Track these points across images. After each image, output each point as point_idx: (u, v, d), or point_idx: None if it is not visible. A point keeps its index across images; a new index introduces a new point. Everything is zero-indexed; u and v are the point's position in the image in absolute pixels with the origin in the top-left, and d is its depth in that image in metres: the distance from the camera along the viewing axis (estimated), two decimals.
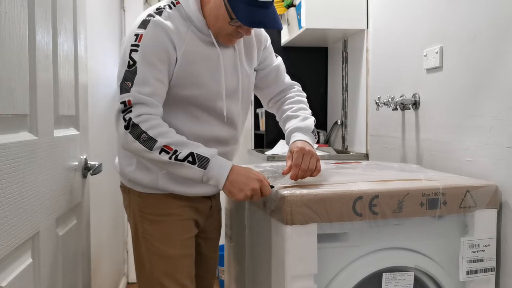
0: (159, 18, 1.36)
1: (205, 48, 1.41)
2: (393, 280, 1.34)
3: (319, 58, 2.98)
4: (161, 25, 1.35)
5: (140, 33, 1.34)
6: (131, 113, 1.30)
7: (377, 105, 2.02)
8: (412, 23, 1.93)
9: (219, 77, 1.43)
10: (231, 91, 1.48)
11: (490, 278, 1.40)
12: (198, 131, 1.43)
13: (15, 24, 0.98)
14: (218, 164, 1.31)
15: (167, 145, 1.29)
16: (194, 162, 1.29)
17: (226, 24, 1.36)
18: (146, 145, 1.29)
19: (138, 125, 1.29)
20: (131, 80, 1.32)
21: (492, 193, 1.38)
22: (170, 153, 1.29)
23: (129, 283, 3.39)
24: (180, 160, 1.29)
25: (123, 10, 3.25)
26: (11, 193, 0.94)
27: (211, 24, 1.40)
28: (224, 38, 1.42)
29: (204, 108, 1.44)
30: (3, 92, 0.93)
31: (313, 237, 1.25)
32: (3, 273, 0.94)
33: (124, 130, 1.30)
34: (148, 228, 1.47)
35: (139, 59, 1.32)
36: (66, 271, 1.36)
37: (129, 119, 1.29)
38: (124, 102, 1.30)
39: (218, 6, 1.36)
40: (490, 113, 1.46)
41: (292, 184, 1.36)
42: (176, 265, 1.47)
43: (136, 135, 1.29)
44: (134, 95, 1.30)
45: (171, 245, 1.47)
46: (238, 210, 1.68)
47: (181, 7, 1.40)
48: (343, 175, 1.50)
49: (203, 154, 1.30)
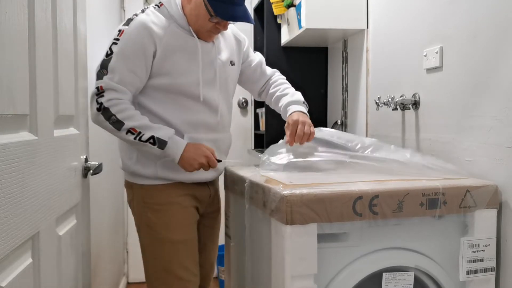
0: (142, 16, 1.58)
1: (185, 40, 1.60)
2: (393, 280, 1.34)
3: (319, 58, 2.97)
4: (143, 23, 1.55)
5: (122, 29, 1.56)
6: (102, 97, 1.50)
7: (377, 105, 2.02)
8: (412, 23, 1.93)
9: (197, 66, 1.61)
10: (208, 79, 1.65)
11: (490, 278, 1.40)
12: (187, 118, 1.61)
13: (15, 24, 0.98)
14: (174, 145, 1.52)
15: (133, 127, 1.50)
16: (154, 144, 1.51)
17: (206, 21, 1.57)
18: (115, 126, 1.51)
19: (109, 109, 1.50)
20: (105, 68, 1.52)
21: (492, 193, 1.38)
22: (135, 134, 1.50)
23: (129, 283, 3.39)
24: (143, 141, 1.51)
25: (123, 10, 3.25)
26: (11, 193, 0.94)
27: (192, 22, 1.59)
28: (204, 35, 1.62)
29: (188, 96, 1.62)
30: (3, 92, 0.93)
31: (313, 237, 1.25)
32: (3, 273, 0.94)
33: (96, 112, 1.51)
34: (151, 217, 1.63)
35: (116, 51, 1.53)
36: (66, 271, 1.36)
37: (101, 103, 1.50)
38: (97, 88, 1.51)
39: (198, 6, 1.55)
40: (490, 113, 1.46)
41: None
42: (179, 250, 1.62)
43: (107, 117, 1.50)
44: (106, 81, 1.51)
45: (173, 231, 1.61)
46: (238, 210, 1.68)
47: (165, 8, 1.61)
48: (343, 175, 1.50)
49: (162, 138, 1.51)
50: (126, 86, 1.53)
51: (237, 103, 3.52)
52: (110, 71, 1.52)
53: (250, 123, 3.55)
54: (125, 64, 1.52)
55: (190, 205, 1.66)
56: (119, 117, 1.50)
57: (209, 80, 1.65)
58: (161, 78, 1.58)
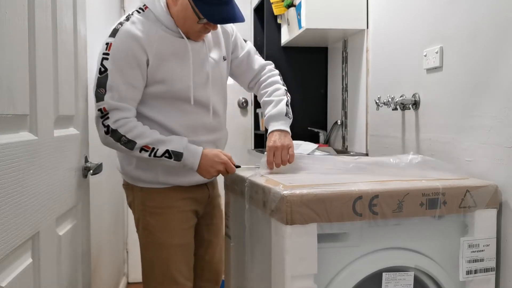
0: (127, 25, 1.51)
1: (174, 43, 1.56)
2: (393, 280, 1.34)
3: (319, 58, 2.98)
4: (130, 32, 1.50)
5: (110, 42, 1.49)
6: (108, 120, 1.48)
7: (377, 105, 2.02)
8: (412, 23, 1.93)
9: (188, 69, 1.58)
10: (201, 81, 1.63)
11: (490, 278, 1.40)
12: (185, 122, 1.60)
13: (15, 24, 0.98)
14: (189, 154, 1.53)
15: (145, 145, 1.49)
16: (170, 157, 1.51)
17: (195, 23, 1.52)
18: (127, 146, 1.49)
19: (117, 130, 1.48)
20: (103, 86, 1.48)
21: (492, 193, 1.38)
22: (149, 151, 1.49)
23: (129, 283, 3.39)
24: (158, 156, 1.50)
25: (123, 10, 3.25)
26: (11, 193, 0.94)
27: (180, 24, 1.55)
28: (194, 35, 1.58)
29: (184, 100, 1.60)
30: (3, 92, 0.93)
31: (313, 237, 1.25)
32: (3, 273, 0.94)
33: (105, 135, 1.49)
34: (150, 220, 1.64)
35: (110, 66, 1.48)
36: (66, 271, 1.36)
37: (108, 125, 1.48)
38: (100, 110, 1.48)
39: (185, 8, 1.51)
40: (490, 113, 1.46)
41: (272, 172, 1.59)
42: (176, 254, 1.63)
43: (116, 138, 1.49)
44: (108, 102, 1.48)
45: (171, 234, 1.62)
46: (238, 210, 1.68)
47: (150, 11, 1.55)
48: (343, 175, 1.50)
49: (177, 150, 1.51)
50: (128, 102, 1.50)
51: (237, 103, 3.52)
52: (108, 90, 1.48)
53: (250, 123, 3.55)
54: (121, 78, 1.48)
55: (189, 209, 1.67)
56: (129, 137, 1.48)
57: (202, 82, 1.63)
58: (156, 86, 1.56)
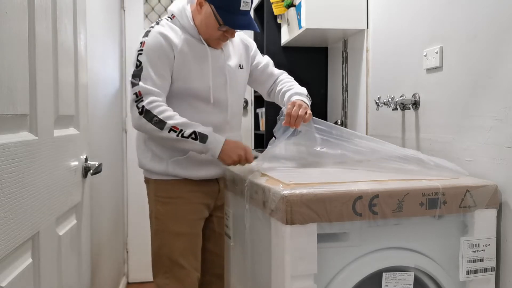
0: (157, 27, 1.73)
1: (196, 48, 1.75)
2: (393, 280, 1.34)
3: (319, 58, 2.97)
4: (160, 32, 1.70)
5: (143, 41, 1.71)
6: (143, 101, 1.63)
7: (377, 105, 2.02)
8: (412, 23, 1.93)
9: (208, 71, 1.75)
10: (219, 83, 1.79)
11: (490, 278, 1.41)
12: (199, 119, 1.70)
13: (15, 24, 0.98)
14: (214, 139, 1.65)
15: (175, 125, 1.62)
16: (196, 138, 1.62)
17: (216, 30, 1.71)
18: (157, 126, 1.62)
19: (150, 111, 1.62)
20: (138, 76, 1.66)
21: (492, 193, 1.38)
22: (177, 132, 1.62)
23: (129, 283, 3.39)
24: (185, 137, 1.62)
25: (123, 10, 3.25)
26: (11, 193, 0.94)
27: (202, 31, 1.74)
28: (214, 42, 1.77)
29: (201, 99, 1.75)
30: (3, 92, 0.93)
31: (313, 237, 1.25)
32: (3, 273, 0.94)
33: (139, 115, 1.63)
34: (160, 209, 1.79)
35: (144, 60, 1.67)
36: (66, 271, 1.36)
37: (142, 106, 1.63)
38: (136, 93, 1.65)
39: (208, 16, 1.69)
40: (490, 113, 1.46)
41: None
42: (183, 241, 1.77)
43: (149, 118, 1.62)
44: (142, 86, 1.64)
45: (179, 223, 1.76)
46: (238, 210, 1.68)
47: (177, 20, 1.76)
48: (344, 174, 1.50)
49: (203, 132, 1.64)
50: (159, 89, 1.67)
51: None
52: (143, 78, 1.65)
53: (250, 123, 3.55)
54: (154, 70, 1.67)
55: (199, 202, 1.81)
56: (161, 117, 1.62)
57: (220, 84, 1.79)
58: (177, 82, 1.72)
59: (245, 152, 1.69)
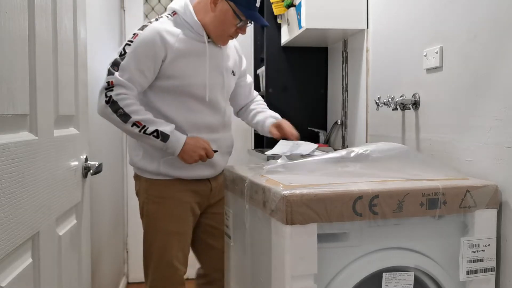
0: (156, 23, 1.73)
1: (194, 45, 1.75)
2: (393, 280, 1.34)
3: (319, 58, 2.98)
4: (156, 29, 1.70)
5: (137, 33, 1.71)
6: (112, 91, 1.64)
7: (377, 105, 2.02)
8: (412, 23, 1.93)
9: (204, 69, 1.76)
10: (216, 82, 1.81)
11: (490, 278, 1.40)
12: (191, 119, 1.75)
13: (15, 24, 0.98)
14: (175, 139, 1.67)
15: (138, 121, 1.64)
16: (158, 137, 1.65)
17: (232, 26, 1.75)
18: (121, 118, 1.64)
19: (117, 102, 1.63)
20: (117, 65, 1.66)
21: (492, 193, 1.38)
22: (140, 127, 1.64)
23: (129, 283, 3.39)
24: (147, 134, 1.64)
25: (123, 10, 3.25)
26: (11, 193, 0.94)
27: (213, 28, 1.76)
28: (224, 39, 1.79)
29: (195, 97, 1.76)
30: (3, 92, 0.93)
31: (313, 237, 1.25)
32: (3, 273, 0.94)
33: (105, 104, 1.65)
34: (151, 208, 1.81)
35: (129, 52, 1.67)
36: (66, 271, 1.36)
37: (110, 96, 1.64)
38: (108, 82, 1.65)
39: (225, 12, 1.73)
40: (490, 113, 1.46)
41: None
42: (173, 240, 1.80)
43: (114, 109, 1.64)
44: (116, 77, 1.65)
45: (169, 222, 1.79)
46: (238, 210, 1.68)
47: (178, 17, 1.77)
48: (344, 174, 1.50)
49: (164, 131, 1.65)
50: (134, 84, 1.67)
51: None
52: (121, 69, 1.66)
53: None
54: (135, 64, 1.67)
55: (189, 201, 1.82)
56: (126, 110, 1.63)
57: (216, 83, 1.81)
58: (170, 80, 1.72)
59: (205, 150, 1.72)
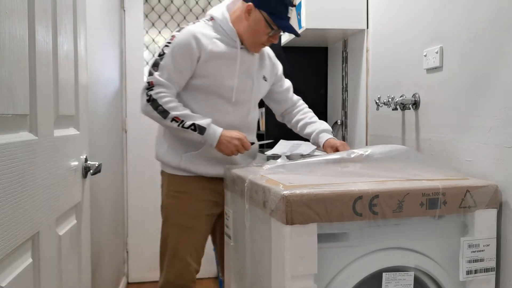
0: (192, 26, 1.86)
1: (228, 49, 1.86)
2: (393, 280, 1.34)
3: (319, 58, 2.98)
4: (192, 31, 1.83)
5: (174, 35, 1.85)
6: (152, 91, 1.78)
7: (377, 105, 2.02)
8: (412, 23, 1.93)
9: (234, 72, 1.87)
10: (244, 86, 1.90)
11: (490, 278, 1.41)
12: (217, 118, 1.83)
13: (15, 24, 0.98)
14: (212, 131, 1.77)
15: (177, 116, 1.76)
16: (195, 130, 1.76)
17: (265, 34, 1.85)
18: (162, 115, 1.77)
19: (156, 100, 1.77)
20: (157, 66, 1.80)
21: (492, 193, 1.38)
22: (178, 122, 1.76)
23: (129, 283, 3.39)
24: (185, 128, 1.76)
25: (123, 10, 3.25)
26: (11, 193, 0.94)
27: (247, 36, 1.87)
28: (256, 47, 1.90)
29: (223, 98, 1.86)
30: (3, 92, 0.93)
31: (313, 237, 1.25)
32: (3, 273, 0.94)
33: (146, 103, 1.78)
34: (169, 202, 1.92)
35: (167, 53, 1.81)
36: (66, 271, 1.36)
37: (150, 95, 1.78)
38: (148, 82, 1.79)
39: (258, 21, 1.83)
40: (490, 113, 1.46)
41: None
42: (186, 235, 1.89)
43: (155, 107, 1.77)
44: (156, 78, 1.79)
45: (185, 217, 1.89)
46: (238, 210, 1.68)
47: (215, 22, 1.89)
48: (344, 174, 1.50)
49: (201, 124, 1.76)
50: (172, 83, 1.80)
51: None
52: (160, 69, 1.80)
53: None
54: (173, 64, 1.80)
55: (207, 198, 1.92)
56: (165, 107, 1.76)
57: (245, 86, 1.91)
58: (201, 79, 1.84)
59: (241, 141, 1.80)
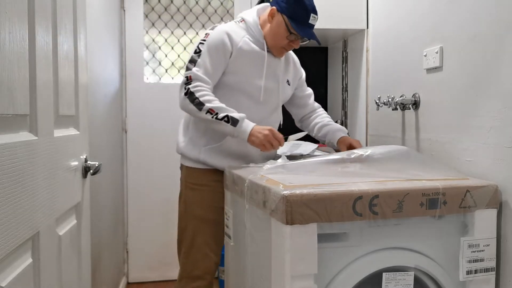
0: (224, 25, 1.95)
1: (255, 50, 1.94)
2: (393, 280, 1.34)
3: (319, 58, 2.98)
4: (224, 29, 1.92)
5: (208, 33, 1.93)
6: (190, 85, 1.85)
7: (377, 105, 2.02)
8: (412, 23, 1.93)
9: (262, 71, 1.93)
10: (271, 86, 1.97)
11: (490, 278, 1.41)
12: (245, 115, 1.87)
13: (15, 24, 0.98)
14: (244, 124, 1.82)
15: (211, 108, 1.82)
16: (228, 121, 1.81)
17: (284, 38, 1.90)
18: (197, 107, 1.83)
19: (193, 93, 1.83)
20: (194, 62, 1.88)
21: (492, 193, 1.38)
22: (213, 114, 1.81)
23: (129, 283, 3.38)
24: (219, 119, 1.81)
25: (123, 10, 3.25)
26: (11, 193, 0.94)
27: (269, 39, 1.93)
28: (278, 51, 1.95)
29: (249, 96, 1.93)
30: (3, 92, 0.93)
31: (313, 237, 1.25)
32: (3, 273, 0.94)
33: (184, 96, 1.85)
34: (188, 194, 1.99)
35: (203, 49, 1.89)
36: (66, 271, 1.36)
37: (188, 88, 1.85)
38: (187, 77, 1.87)
39: (279, 25, 1.89)
40: (490, 113, 1.46)
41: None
42: (205, 227, 1.95)
43: (191, 99, 1.83)
44: (194, 72, 1.86)
45: (203, 208, 1.95)
46: (238, 210, 1.68)
47: (245, 24, 1.98)
48: (344, 174, 1.50)
49: (235, 117, 1.81)
50: (209, 77, 1.88)
51: None
52: (197, 65, 1.87)
53: None
54: (209, 60, 1.88)
55: (222, 191, 1.93)
56: (201, 99, 1.82)
57: (270, 87, 1.96)
58: (231, 76, 1.91)
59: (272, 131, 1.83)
